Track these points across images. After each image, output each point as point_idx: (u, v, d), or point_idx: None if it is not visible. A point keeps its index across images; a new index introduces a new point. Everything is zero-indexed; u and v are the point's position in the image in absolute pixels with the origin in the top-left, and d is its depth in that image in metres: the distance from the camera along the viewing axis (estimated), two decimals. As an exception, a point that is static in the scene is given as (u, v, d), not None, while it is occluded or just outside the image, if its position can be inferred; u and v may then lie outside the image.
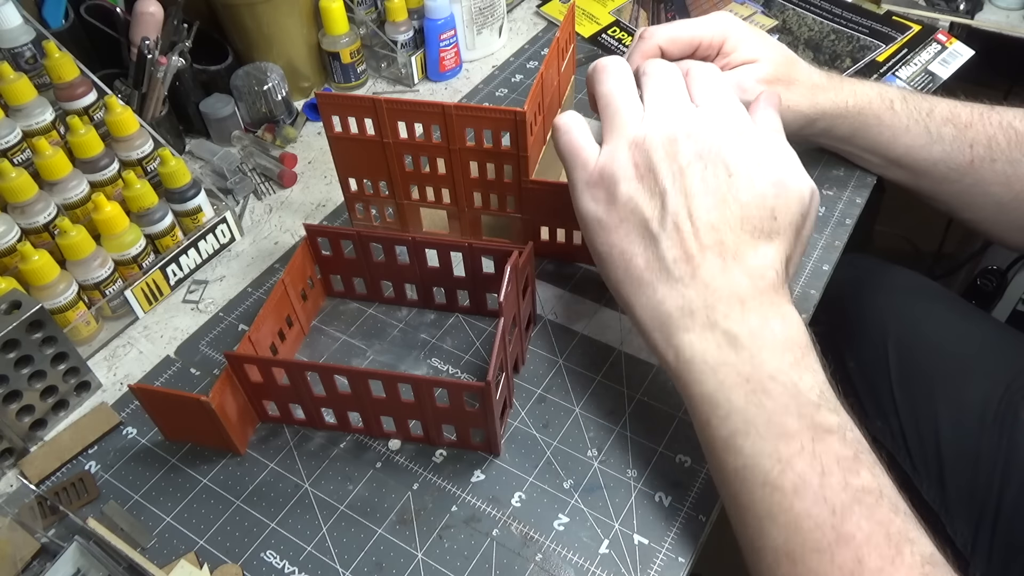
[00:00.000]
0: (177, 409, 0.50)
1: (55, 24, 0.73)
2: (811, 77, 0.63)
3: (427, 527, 0.49)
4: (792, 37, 0.86)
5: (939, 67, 0.80)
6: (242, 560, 0.48)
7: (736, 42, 0.61)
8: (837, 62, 0.82)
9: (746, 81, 0.60)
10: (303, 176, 0.76)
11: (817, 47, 0.84)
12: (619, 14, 0.94)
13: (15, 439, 0.53)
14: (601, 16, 0.93)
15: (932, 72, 0.80)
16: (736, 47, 0.61)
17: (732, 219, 0.44)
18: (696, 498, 0.49)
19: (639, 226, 0.46)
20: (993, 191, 0.64)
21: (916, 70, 0.80)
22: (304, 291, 0.59)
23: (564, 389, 0.56)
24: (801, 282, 0.62)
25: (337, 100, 0.58)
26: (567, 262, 0.65)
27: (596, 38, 0.90)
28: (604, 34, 0.90)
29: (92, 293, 0.60)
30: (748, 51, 0.61)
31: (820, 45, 0.84)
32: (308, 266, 0.59)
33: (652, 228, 0.45)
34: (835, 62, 0.82)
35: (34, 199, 0.59)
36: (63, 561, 0.46)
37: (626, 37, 0.89)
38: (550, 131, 0.64)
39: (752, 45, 0.61)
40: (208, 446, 0.53)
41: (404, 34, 0.84)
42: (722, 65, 0.62)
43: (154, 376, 0.58)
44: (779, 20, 0.89)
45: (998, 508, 0.67)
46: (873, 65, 0.80)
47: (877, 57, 0.81)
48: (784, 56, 0.63)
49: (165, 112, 0.75)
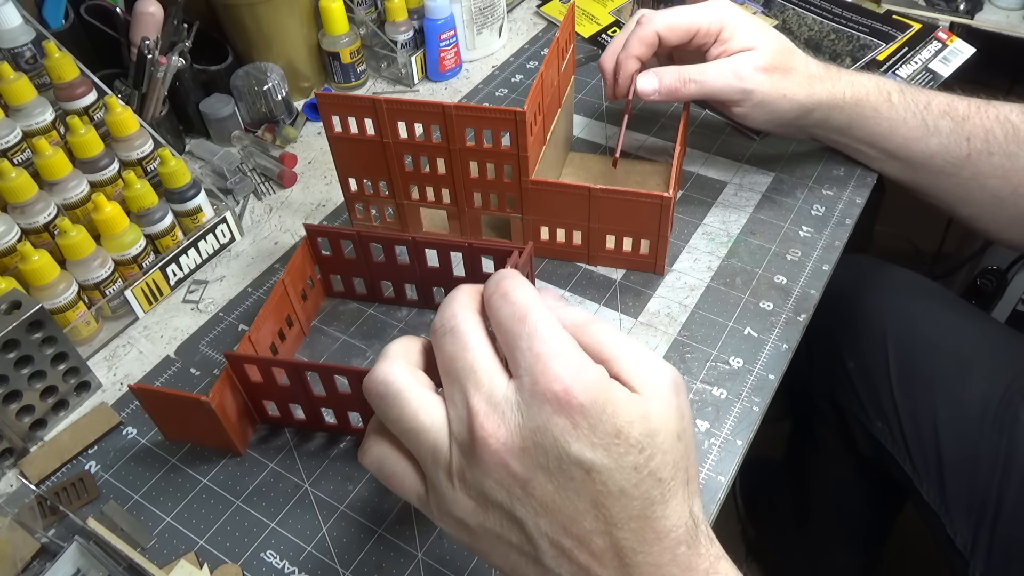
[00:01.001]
0: (177, 409, 0.50)
1: (55, 24, 0.73)
2: (808, 67, 0.63)
3: (427, 527, 0.49)
4: (792, 37, 0.86)
5: (940, 65, 0.80)
6: (242, 560, 0.48)
7: (733, 29, 0.61)
8: (838, 61, 0.82)
9: (743, 68, 0.61)
10: (303, 176, 0.76)
11: (817, 47, 0.84)
12: (619, 14, 0.93)
13: (15, 439, 0.53)
14: (601, 16, 0.93)
15: (933, 70, 0.80)
16: (733, 34, 0.61)
17: (613, 517, 0.32)
18: (696, 498, 0.49)
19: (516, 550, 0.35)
20: (990, 184, 0.64)
21: (917, 68, 0.80)
22: (304, 291, 0.59)
23: (564, 389, 0.56)
24: (801, 282, 0.62)
25: (337, 100, 0.58)
26: (567, 262, 0.65)
27: (596, 38, 0.90)
28: (604, 34, 0.90)
29: (92, 293, 0.60)
30: (745, 39, 0.61)
31: (820, 45, 0.84)
32: (308, 266, 0.59)
33: (529, 553, 0.34)
34: (835, 61, 0.82)
35: (34, 199, 0.59)
36: (63, 561, 0.46)
37: None
38: (548, 131, 0.64)
39: (750, 33, 0.61)
40: (208, 446, 0.53)
41: (404, 34, 0.84)
42: (719, 52, 0.62)
43: (154, 376, 0.58)
44: (779, 20, 0.89)
45: (998, 508, 0.67)
46: (873, 64, 0.80)
47: (878, 56, 0.81)
48: (781, 44, 0.63)
49: (165, 112, 0.75)
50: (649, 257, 0.63)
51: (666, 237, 0.60)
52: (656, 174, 0.72)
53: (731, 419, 0.53)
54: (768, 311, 0.60)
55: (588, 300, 0.62)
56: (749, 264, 0.64)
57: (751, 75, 0.61)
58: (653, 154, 0.75)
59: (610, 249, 0.63)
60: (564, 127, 0.71)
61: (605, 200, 0.59)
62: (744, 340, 0.58)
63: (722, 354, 0.58)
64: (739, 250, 0.65)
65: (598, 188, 0.58)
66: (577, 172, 0.73)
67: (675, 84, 0.62)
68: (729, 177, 0.72)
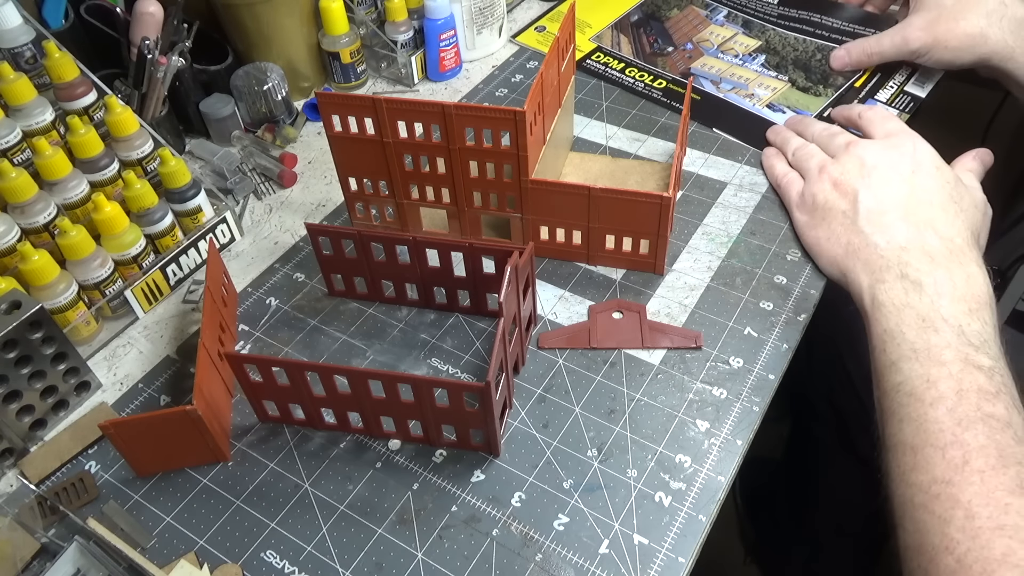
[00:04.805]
0: (155, 434, 0.49)
1: (55, 24, 0.73)
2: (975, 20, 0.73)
3: (427, 527, 0.49)
4: (779, 57, 0.86)
5: (915, 88, 0.80)
6: (242, 560, 0.48)
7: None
8: (831, 79, 0.82)
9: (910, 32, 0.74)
10: (303, 176, 0.76)
11: (806, 67, 0.84)
12: (598, 40, 0.90)
13: (15, 439, 0.53)
14: (581, 43, 0.90)
15: (910, 92, 0.79)
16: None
17: (920, 199, 0.57)
18: (696, 498, 0.49)
19: (840, 217, 0.60)
20: None
21: (893, 92, 0.79)
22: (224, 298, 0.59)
23: (564, 389, 0.56)
24: (801, 282, 0.62)
25: (337, 100, 0.58)
26: (567, 262, 0.65)
27: (582, 64, 0.87)
28: (588, 60, 0.87)
29: (92, 293, 0.60)
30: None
31: (808, 65, 0.84)
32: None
33: (850, 216, 0.59)
34: (828, 80, 0.82)
35: (34, 199, 0.59)
36: (63, 561, 0.46)
37: (612, 61, 0.86)
38: (548, 131, 0.64)
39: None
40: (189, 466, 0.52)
41: (404, 34, 0.84)
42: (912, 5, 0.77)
43: (154, 376, 0.58)
44: (762, 40, 0.88)
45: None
46: (851, 91, 0.80)
47: (855, 83, 0.81)
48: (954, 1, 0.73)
49: (165, 112, 0.75)
50: (649, 257, 0.63)
51: (666, 237, 0.60)
52: (656, 174, 0.72)
53: (731, 419, 0.53)
54: (768, 311, 0.60)
55: (588, 300, 0.62)
56: (749, 264, 0.64)
57: (917, 37, 0.73)
58: (653, 154, 0.75)
59: (610, 249, 0.63)
60: (564, 127, 0.71)
61: (605, 200, 0.59)
62: (744, 340, 0.58)
63: (722, 354, 0.58)
64: (739, 250, 0.65)
65: (598, 188, 0.58)
66: (577, 172, 0.73)
67: (860, 57, 0.79)
68: (729, 177, 0.72)
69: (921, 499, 0.46)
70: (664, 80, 0.84)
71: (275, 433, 0.54)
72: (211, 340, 0.54)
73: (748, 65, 0.85)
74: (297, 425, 0.54)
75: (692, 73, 0.85)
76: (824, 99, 0.80)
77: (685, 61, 0.87)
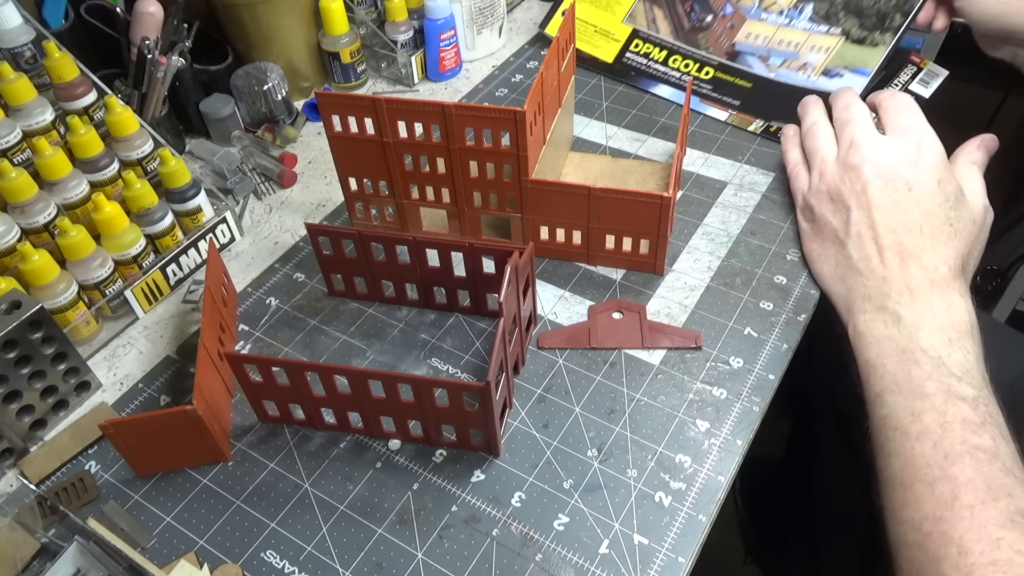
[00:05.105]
0: (154, 434, 0.49)
1: (55, 24, 0.73)
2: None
3: (427, 527, 0.49)
4: (828, 3, 0.79)
5: (920, 87, 0.79)
6: (242, 560, 0.48)
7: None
8: (887, 21, 0.77)
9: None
10: (303, 176, 0.76)
11: (858, 10, 0.78)
12: (632, 20, 0.84)
13: (15, 439, 0.53)
14: (615, 28, 0.84)
15: (914, 92, 0.78)
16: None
17: (911, 224, 0.56)
18: (696, 498, 0.49)
19: (832, 236, 0.60)
20: None
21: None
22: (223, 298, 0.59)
23: (564, 389, 0.56)
24: (801, 282, 0.62)
25: (337, 99, 0.58)
26: (567, 261, 0.65)
27: (621, 59, 0.81)
28: (628, 52, 0.81)
29: (92, 293, 0.60)
30: None
31: (861, 7, 0.78)
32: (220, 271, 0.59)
33: (840, 237, 0.59)
34: (885, 22, 0.77)
35: (34, 199, 0.59)
36: (63, 561, 0.46)
37: (654, 50, 0.80)
38: (548, 131, 0.64)
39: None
40: (189, 466, 0.53)
41: (404, 34, 0.84)
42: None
43: (154, 376, 0.58)
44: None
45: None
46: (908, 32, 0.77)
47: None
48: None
49: (165, 112, 0.75)
50: (649, 257, 0.63)
51: (666, 237, 0.60)
52: (656, 174, 0.72)
53: (731, 419, 0.53)
54: (768, 311, 0.60)
55: (588, 300, 0.62)
56: (749, 264, 0.64)
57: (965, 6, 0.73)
58: (653, 154, 0.75)
59: (610, 249, 0.63)
60: (564, 127, 0.71)
61: (605, 200, 0.59)
62: (744, 340, 0.58)
63: (722, 354, 0.58)
64: (739, 250, 0.65)
65: (598, 188, 0.58)
66: (577, 172, 0.73)
67: (927, 17, 0.77)
68: (729, 177, 0.72)
69: (914, 537, 0.46)
70: (711, 68, 0.79)
71: (275, 433, 0.54)
72: (211, 340, 0.54)
73: (795, 23, 0.79)
74: (297, 425, 0.54)
75: (738, 51, 0.80)
76: (883, 48, 0.75)
77: (728, 34, 0.80)
